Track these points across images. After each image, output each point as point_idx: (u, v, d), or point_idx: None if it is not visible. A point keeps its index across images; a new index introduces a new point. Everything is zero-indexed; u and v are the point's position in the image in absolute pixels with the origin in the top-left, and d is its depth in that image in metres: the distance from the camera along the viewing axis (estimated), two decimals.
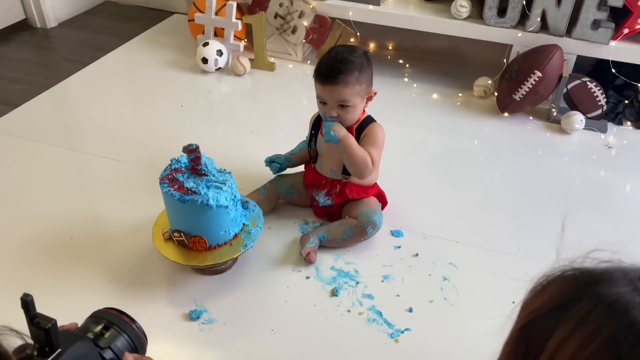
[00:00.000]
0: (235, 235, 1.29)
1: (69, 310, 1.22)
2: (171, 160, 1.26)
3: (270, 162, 1.52)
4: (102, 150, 1.77)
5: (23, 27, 2.62)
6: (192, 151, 1.20)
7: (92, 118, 1.95)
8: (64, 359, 0.60)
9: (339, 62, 1.28)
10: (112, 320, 0.72)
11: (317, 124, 1.45)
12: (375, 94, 1.38)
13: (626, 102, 1.94)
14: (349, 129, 1.36)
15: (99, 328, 0.70)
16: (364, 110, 1.40)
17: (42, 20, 2.64)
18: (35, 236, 1.44)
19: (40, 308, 0.58)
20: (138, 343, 0.73)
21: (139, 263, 1.37)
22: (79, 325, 0.72)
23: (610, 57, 1.86)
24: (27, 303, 0.56)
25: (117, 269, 1.35)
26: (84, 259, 1.37)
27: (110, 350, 0.69)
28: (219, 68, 2.21)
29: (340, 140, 1.32)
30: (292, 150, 1.55)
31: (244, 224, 1.32)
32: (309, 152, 1.48)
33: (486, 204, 1.60)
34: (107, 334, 0.70)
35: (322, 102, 1.34)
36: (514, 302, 1.43)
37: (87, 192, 1.62)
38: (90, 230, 1.47)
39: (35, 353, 0.59)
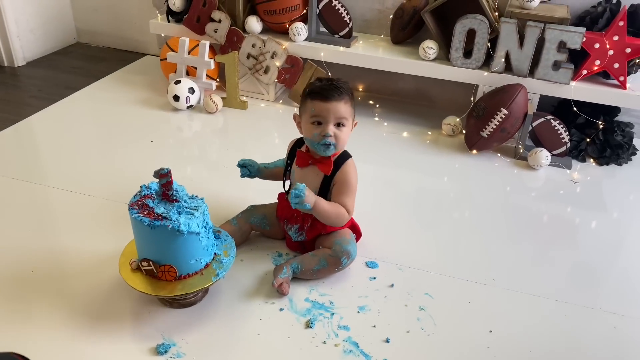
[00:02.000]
0: (207, 265, 1.25)
1: (28, 345, 1.14)
2: (141, 187, 1.23)
3: (242, 165, 1.49)
4: (66, 184, 1.71)
5: None
6: (163, 175, 1.17)
7: (57, 153, 1.90)
8: None
9: (336, 84, 1.33)
10: None
11: (292, 153, 1.44)
12: (356, 124, 1.40)
13: (588, 139, 2.01)
14: (327, 161, 1.36)
15: None
16: None
17: (10, 59, 2.61)
18: None
19: None
20: None
21: (103, 296, 1.30)
22: None
23: (572, 97, 1.94)
24: None
25: (81, 302, 1.28)
26: (45, 293, 1.30)
27: None
28: (191, 106, 2.21)
29: (312, 208, 1.30)
30: (267, 164, 1.52)
31: (215, 253, 1.28)
32: (283, 176, 1.46)
33: (458, 237, 1.61)
34: None
35: (317, 122, 1.32)
36: (491, 331, 1.40)
37: (50, 225, 1.55)
38: (53, 263, 1.39)
39: None
